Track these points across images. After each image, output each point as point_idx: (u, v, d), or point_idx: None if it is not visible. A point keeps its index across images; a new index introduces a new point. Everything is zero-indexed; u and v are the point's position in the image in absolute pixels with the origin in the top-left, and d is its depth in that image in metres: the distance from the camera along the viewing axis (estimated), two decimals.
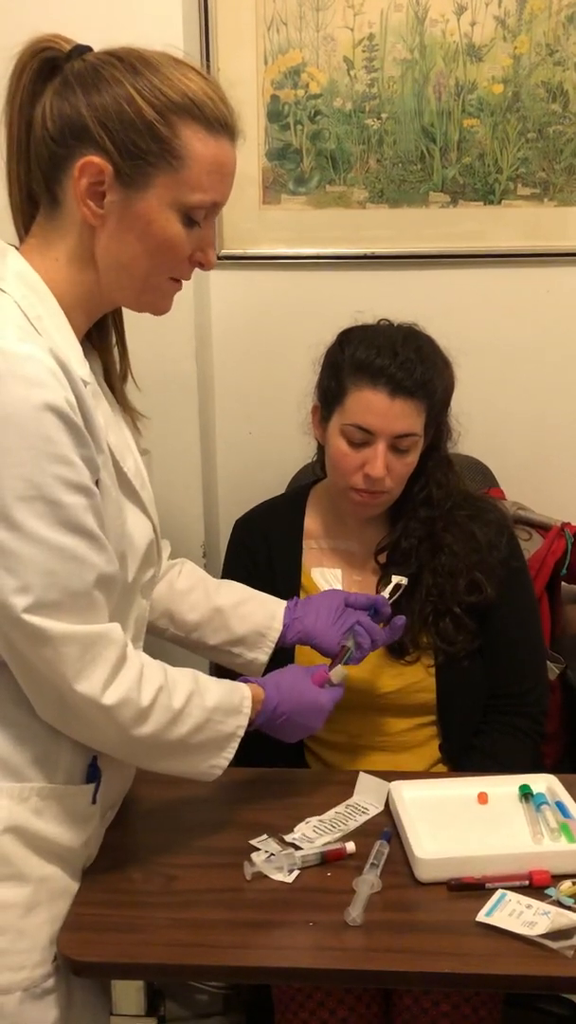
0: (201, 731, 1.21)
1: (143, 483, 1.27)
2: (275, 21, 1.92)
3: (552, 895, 1.19)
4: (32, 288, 1.11)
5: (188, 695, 1.19)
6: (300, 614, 1.47)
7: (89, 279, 1.14)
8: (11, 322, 1.06)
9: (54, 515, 1.04)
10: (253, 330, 2.05)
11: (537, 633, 1.72)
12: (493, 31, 1.92)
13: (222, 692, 1.25)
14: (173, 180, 1.10)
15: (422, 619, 1.59)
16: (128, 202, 1.10)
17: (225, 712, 1.23)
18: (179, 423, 1.95)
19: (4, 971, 1.12)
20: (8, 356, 1.02)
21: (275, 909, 1.21)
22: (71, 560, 1.06)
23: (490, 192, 1.99)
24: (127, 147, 1.08)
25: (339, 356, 1.58)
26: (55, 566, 1.05)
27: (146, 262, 1.13)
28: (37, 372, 1.03)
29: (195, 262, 1.17)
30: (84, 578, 1.08)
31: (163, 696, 1.16)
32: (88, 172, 1.09)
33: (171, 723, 1.17)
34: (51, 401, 1.03)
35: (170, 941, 1.16)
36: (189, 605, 1.46)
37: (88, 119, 1.08)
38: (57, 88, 1.10)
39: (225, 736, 1.24)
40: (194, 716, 1.19)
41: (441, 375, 1.57)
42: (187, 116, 1.09)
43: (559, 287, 2.03)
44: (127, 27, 1.21)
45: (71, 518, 1.06)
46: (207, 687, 1.23)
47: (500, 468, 1.98)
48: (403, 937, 1.16)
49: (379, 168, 1.98)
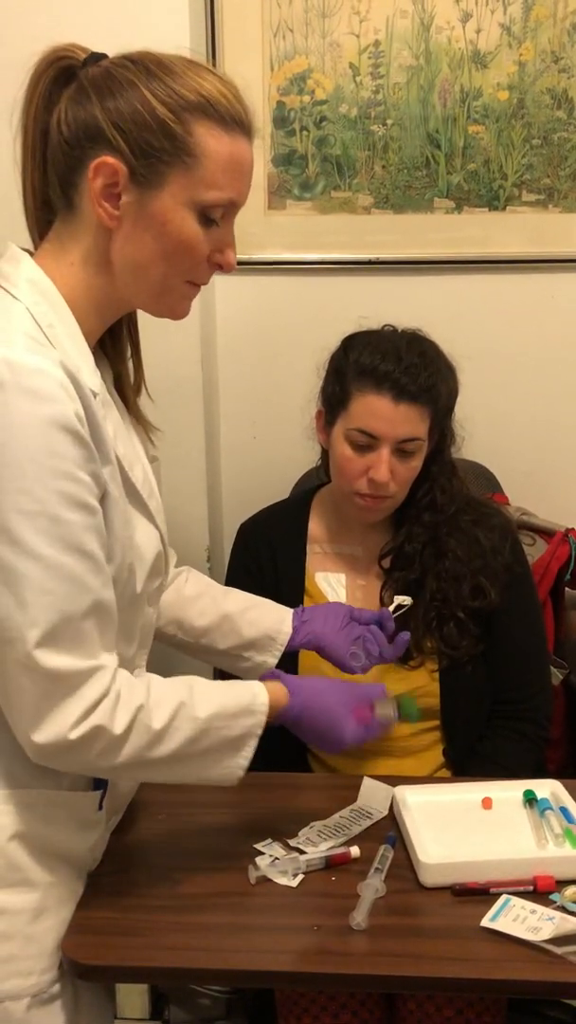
0: (198, 741, 1.15)
1: (151, 492, 1.25)
2: (281, 27, 1.93)
3: (557, 900, 1.19)
4: (45, 295, 1.10)
5: (173, 710, 1.13)
6: (309, 618, 1.47)
7: (104, 282, 1.14)
8: (21, 331, 1.05)
9: (55, 532, 1.02)
10: (258, 335, 2.05)
11: (541, 638, 1.72)
12: (498, 38, 1.92)
13: (226, 697, 1.20)
14: (188, 178, 1.09)
15: (426, 624, 1.59)
16: (143, 202, 1.09)
17: (229, 716, 1.18)
18: (184, 428, 1.95)
19: (13, 977, 1.12)
20: (16, 368, 1.01)
21: (279, 913, 1.21)
22: (68, 580, 1.04)
23: (495, 198, 2.00)
24: (140, 146, 1.07)
25: (343, 361, 1.58)
26: (52, 585, 1.03)
27: (163, 263, 1.12)
28: (45, 385, 1.02)
29: (214, 264, 1.16)
30: (79, 601, 1.05)
31: (142, 716, 1.10)
32: (102, 173, 1.08)
33: (153, 743, 1.11)
34: (58, 416, 1.02)
35: (174, 945, 1.16)
36: (197, 611, 1.46)
37: (102, 121, 1.08)
38: (72, 94, 1.10)
39: (234, 739, 1.18)
40: (182, 729, 1.13)
41: (445, 380, 1.57)
42: (201, 114, 1.09)
43: (564, 293, 2.03)
44: (134, 34, 1.21)
45: (72, 536, 1.04)
46: (204, 696, 1.17)
47: (504, 473, 1.98)
48: (407, 942, 1.16)
49: (384, 174, 1.99)
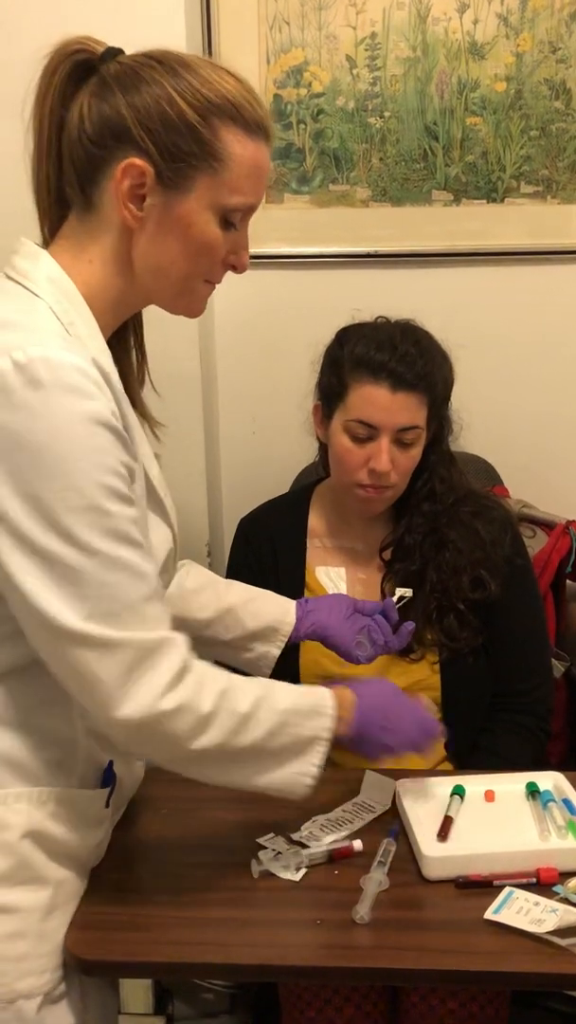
0: (276, 736, 1.15)
1: (166, 491, 1.26)
2: (277, 20, 1.92)
3: (560, 892, 1.19)
4: (65, 293, 1.10)
5: (256, 699, 1.14)
6: (313, 608, 1.46)
7: (123, 282, 1.13)
8: (51, 330, 1.05)
9: (105, 526, 1.03)
10: (257, 329, 2.05)
11: (542, 631, 1.72)
12: (495, 29, 1.92)
13: (297, 694, 1.20)
14: (214, 182, 1.09)
15: (426, 616, 1.59)
16: (169, 204, 1.09)
17: (304, 714, 1.17)
18: (183, 422, 1.94)
19: (27, 976, 1.11)
20: (54, 366, 1.01)
21: (282, 907, 1.21)
22: (124, 570, 1.04)
23: (493, 190, 1.99)
24: (169, 149, 1.07)
25: (339, 353, 1.58)
26: (110, 578, 1.03)
27: (184, 265, 1.12)
28: (84, 382, 1.02)
29: (228, 264, 1.16)
30: (139, 588, 1.06)
31: (227, 700, 1.11)
32: (130, 174, 1.07)
33: (238, 728, 1.12)
34: (98, 412, 1.02)
35: (178, 940, 1.16)
36: (200, 604, 1.46)
37: (129, 120, 1.07)
38: (95, 89, 1.09)
39: (306, 740, 1.17)
40: (265, 720, 1.14)
41: (440, 368, 1.57)
42: (227, 118, 1.08)
43: (562, 285, 2.03)
44: (129, 26, 1.20)
45: (121, 529, 1.04)
46: (278, 688, 1.19)
47: (504, 466, 1.97)
48: (410, 935, 1.16)
49: (382, 167, 1.98)
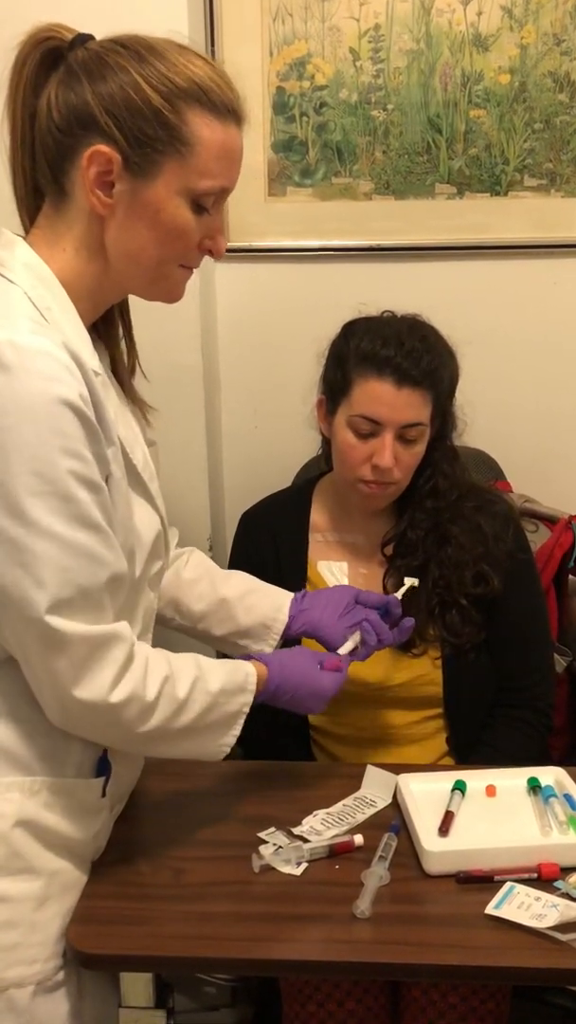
0: (207, 714, 1.21)
1: (152, 475, 1.26)
2: (280, 12, 1.91)
3: (561, 888, 1.19)
4: (41, 279, 1.10)
5: (192, 682, 1.19)
6: (307, 606, 1.46)
7: (98, 269, 1.14)
8: (22, 314, 1.05)
9: (67, 511, 1.04)
10: (259, 323, 2.05)
11: (544, 626, 1.72)
12: (500, 21, 1.91)
13: (225, 673, 1.25)
14: (182, 167, 1.09)
15: (428, 611, 1.59)
16: (137, 191, 1.10)
17: (230, 693, 1.24)
18: (185, 416, 1.94)
19: (17, 965, 1.12)
20: (21, 350, 1.01)
21: (283, 902, 1.21)
22: (84, 556, 1.06)
23: (496, 183, 1.98)
24: (135, 135, 1.07)
25: (344, 348, 1.57)
26: (69, 562, 1.04)
27: (156, 250, 1.13)
28: (51, 366, 1.02)
29: (204, 249, 1.17)
30: (98, 575, 1.07)
31: (168, 687, 1.16)
32: (96, 161, 1.08)
33: (177, 712, 1.17)
34: (65, 396, 1.03)
35: (179, 934, 1.16)
36: (196, 595, 1.46)
37: (95, 108, 1.07)
38: (62, 78, 1.09)
39: (231, 715, 1.24)
40: (199, 702, 1.19)
41: (446, 364, 1.57)
42: (194, 102, 1.09)
43: (566, 278, 2.02)
44: (131, 18, 1.20)
45: (83, 513, 1.05)
46: (210, 670, 1.23)
47: (507, 460, 1.97)
48: (411, 929, 1.16)
49: (385, 160, 1.97)
